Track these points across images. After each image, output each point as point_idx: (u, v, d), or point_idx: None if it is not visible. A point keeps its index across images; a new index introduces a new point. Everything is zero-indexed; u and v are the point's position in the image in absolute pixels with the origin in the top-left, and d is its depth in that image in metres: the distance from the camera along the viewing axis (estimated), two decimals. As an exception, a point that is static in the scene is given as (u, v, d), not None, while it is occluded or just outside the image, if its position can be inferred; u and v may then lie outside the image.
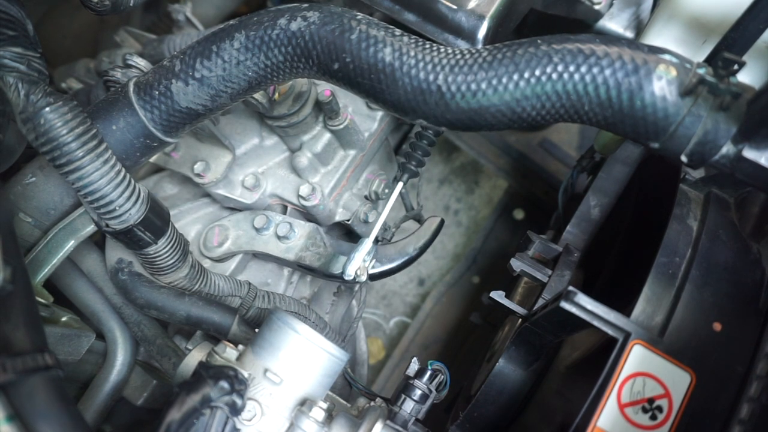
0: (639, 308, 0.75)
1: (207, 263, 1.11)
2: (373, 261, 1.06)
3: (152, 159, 1.03)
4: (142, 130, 0.79)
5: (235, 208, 1.15)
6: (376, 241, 1.22)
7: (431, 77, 0.69)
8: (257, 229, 1.09)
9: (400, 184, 1.10)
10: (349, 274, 1.03)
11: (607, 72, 0.64)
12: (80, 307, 1.06)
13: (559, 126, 2.11)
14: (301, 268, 1.10)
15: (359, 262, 1.03)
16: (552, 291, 0.96)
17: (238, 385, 0.67)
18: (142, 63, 0.94)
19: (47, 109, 0.68)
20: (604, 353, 0.72)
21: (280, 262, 1.13)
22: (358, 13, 0.75)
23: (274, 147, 1.13)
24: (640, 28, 1.12)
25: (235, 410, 0.67)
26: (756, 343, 0.73)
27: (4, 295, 0.60)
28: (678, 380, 0.69)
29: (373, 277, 1.08)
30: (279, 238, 1.09)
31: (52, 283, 1.01)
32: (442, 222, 1.15)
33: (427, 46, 0.72)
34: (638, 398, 0.68)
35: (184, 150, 1.09)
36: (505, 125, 0.71)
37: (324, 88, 1.01)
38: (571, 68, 0.65)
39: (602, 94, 0.65)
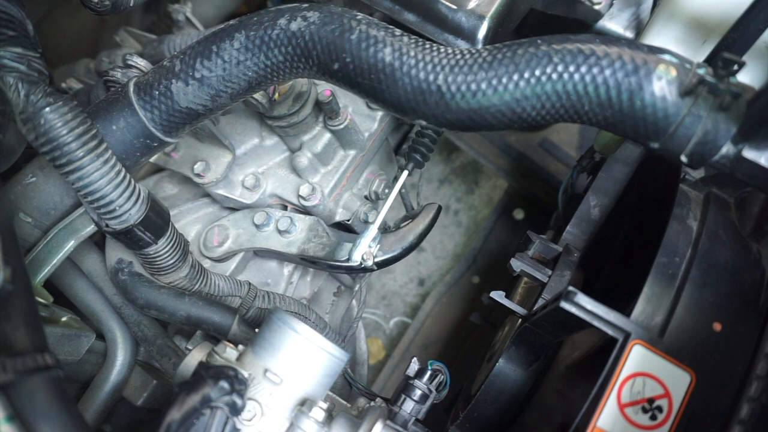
0: (639, 308, 0.75)
1: (207, 263, 1.11)
2: (378, 247, 1.06)
3: (152, 159, 1.03)
4: (142, 130, 0.79)
5: (235, 208, 1.15)
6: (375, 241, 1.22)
7: (431, 77, 0.69)
8: (257, 226, 1.09)
9: (405, 173, 1.09)
10: (356, 260, 1.01)
11: (607, 72, 0.64)
12: (80, 307, 1.06)
13: (559, 126, 2.11)
14: (304, 261, 1.09)
15: (365, 248, 1.01)
16: (552, 291, 0.96)
17: (238, 385, 0.67)
18: (142, 63, 0.94)
19: (47, 109, 0.68)
20: (604, 353, 0.72)
21: (283, 257, 1.12)
22: (358, 13, 0.75)
23: (274, 147, 1.13)
24: (640, 28, 1.12)
25: (235, 410, 0.67)
26: (756, 343, 0.73)
27: (4, 295, 0.60)
28: (678, 380, 0.69)
29: (376, 265, 1.08)
30: (280, 233, 1.08)
31: (52, 283, 1.01)
32: (440, 208, 1.15)
33: (427, 46, 0.72)
34: (638, 398, 0.68)
35: (184, 150, 1.09)
36: (505, 125, 0.71)
37: (324, 88, 1.01)
38: (571, 68, 0.65)
39: (602, 94, 0.65)
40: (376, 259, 1.06)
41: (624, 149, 1.14)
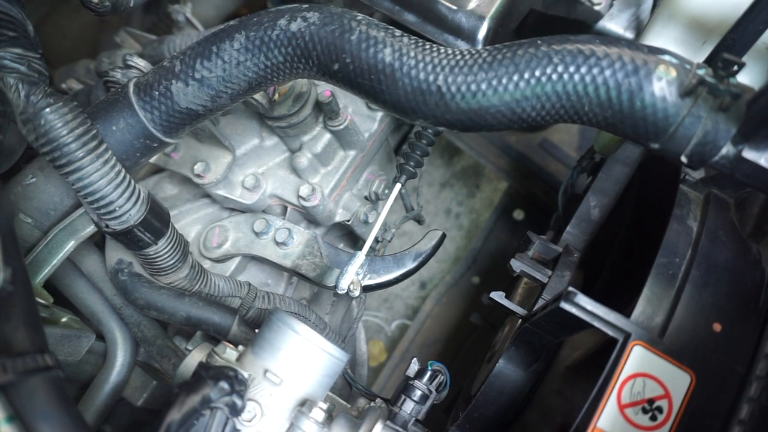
0: (639, 309, 0.76)
1: (207, 264, 1.11)
2: (368, 275, 1.06)
3: (152, 159, 1.03)
4: (142, 130, 0.79)
5: (235, 208, 1.15)
6: (376, 241, 1.22)
7: (431, 78, 0.69)
8: (257, 233, 1.09)
9: (398, 186, 1.10)
10: (342, 288, 1.03)
11: (607, 73, 0.64)
12: (80, 308, 1.06)
13: (559, 126, 2.11)
14: (297, 275, 1.10)
15: (352, 276, 1.03)
16: (552, 291, 0.96)
17: (238, 385, 0.67)
18: (142, 64, 0.94)
19: (47, 109, 0.68)
20: (604, 354, 0.72)
21: (277, 267, 1.13)
22: (358, 14, 0.75)
23: (274, 147, 1.13)
24: (640, 28, 1.12)
25: (235, 411, 0.67)
26: (756, 344, 0.73)
27: (5, 296, 0.60)
28: (678, 381, 0.69)
29: (368, 289, 1.08)
30: (277, 243, 1.09)
31: (52, 284, 1.01)
32: (444, 236, 1.13)
33: (427, 46, 0.72)
34: (638, 399, 0.68)
35: (184, 150, 1.09)
36: (505, 126, 0.71)
37: (324, 89, 1.01)
38: (571, 69, 0.65)
39: (602, 94, 0.65)
40: (369, 283, 1.06)
41: (624, 150, 1.14)
